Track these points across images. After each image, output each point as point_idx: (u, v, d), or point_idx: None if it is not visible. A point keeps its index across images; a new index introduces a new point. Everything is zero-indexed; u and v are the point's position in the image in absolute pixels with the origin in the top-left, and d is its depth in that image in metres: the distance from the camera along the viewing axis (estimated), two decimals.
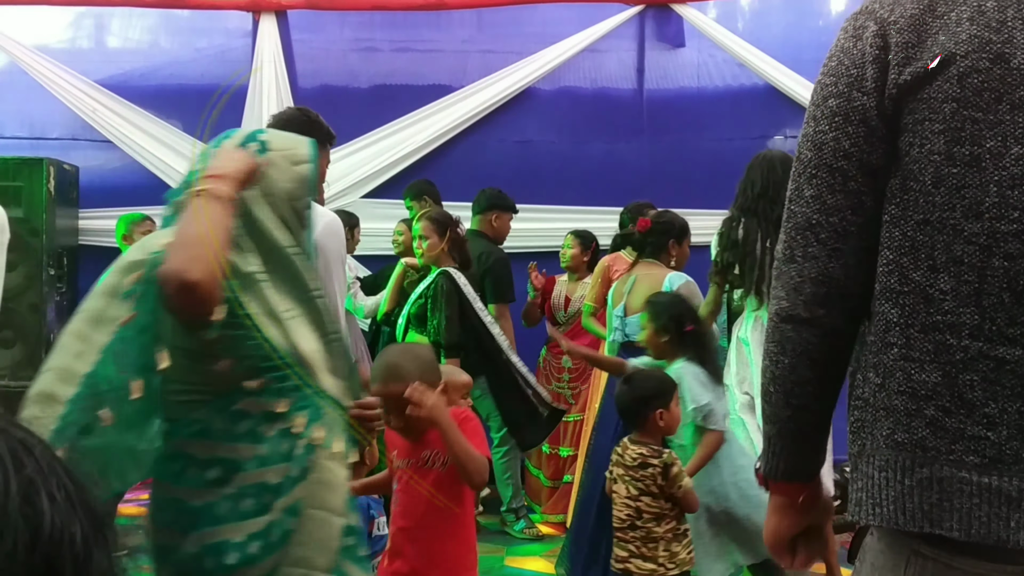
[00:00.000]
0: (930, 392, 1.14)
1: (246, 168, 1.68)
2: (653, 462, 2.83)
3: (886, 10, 1.20)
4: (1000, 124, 1.10)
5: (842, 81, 1.22)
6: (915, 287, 1.16)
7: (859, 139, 1.20)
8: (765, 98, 6.07)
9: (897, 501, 1.15)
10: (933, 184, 1.14)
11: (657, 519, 2.83)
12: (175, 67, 6.15)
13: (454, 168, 5.84)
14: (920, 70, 1.14)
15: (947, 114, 1.12)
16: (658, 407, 2.92)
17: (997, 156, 1.10)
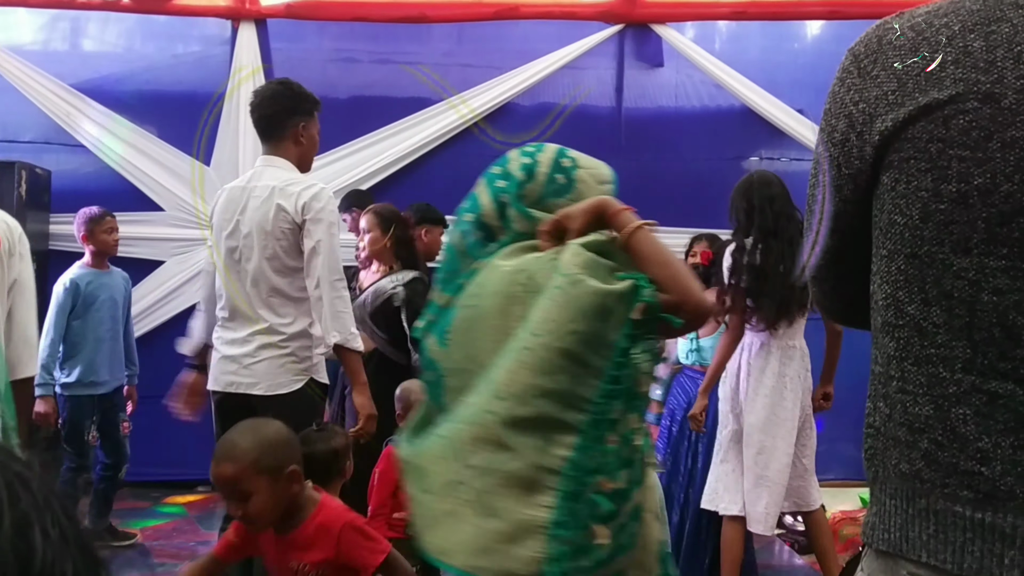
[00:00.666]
0: (923, 425, 1.15)
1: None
2: None
3: (869, 59, 1.21)
4: (990, 161, 1.10)
5: (825, 131, 1.25)
6: (909, 320, 1.16)
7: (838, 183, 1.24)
8: (741, 119, 6.13)
9: (902, 529, 1.16)
10: (921, 219, 1.14)
11: None
12: (151, 73, 6.09)
13: (433, 182, 5.84)
14: (902, 116, 1.15)
15: (933, 153, 1.13)
16: None
17: (986, 193, 1.10)
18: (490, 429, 1.48)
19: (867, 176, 1.22)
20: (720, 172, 6.11)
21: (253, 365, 3.13)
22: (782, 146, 6.20)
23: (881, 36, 1.21)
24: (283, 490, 2.12)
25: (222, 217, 3.24)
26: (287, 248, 3.13)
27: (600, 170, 1.79)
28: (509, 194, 1.70)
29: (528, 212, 1.67)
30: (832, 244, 1.31)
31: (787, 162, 6.26)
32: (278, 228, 3.12)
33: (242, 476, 2.08)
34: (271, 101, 3.27)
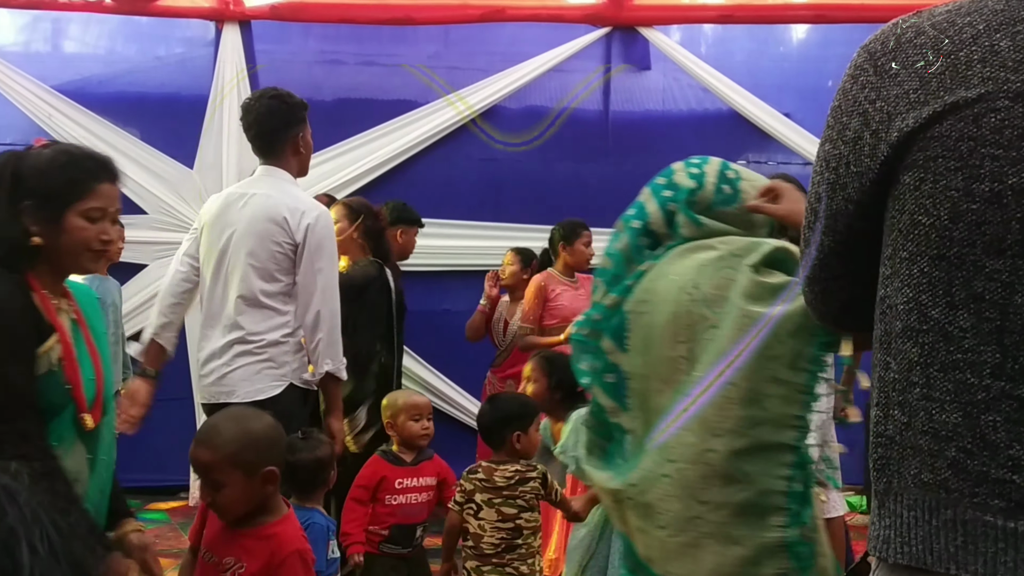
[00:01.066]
0: (951, 433, 1.11)
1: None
2: (531, 475, 2.95)
3: (887, 58, 1.18)
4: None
5: (835, 128, 1.24)
6: (934, 325, 1.13)
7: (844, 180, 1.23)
8: (728, 123, 6.12)
9: (925, 541, 1.12)
10: (950, 220, 1.11)
11: (534, 532, 2.94)
12: (135, 75, 6.04)
13: (418, 184, 5.81)
14: (925, 115, 1.12)
15: (964, 152, 1.10)
16: (516, 429, 2.99)
17: (1020, 193, 1.07)
18: (715, 466, 1.58)
19: (875, 175, 1.19)
20: None
21: (230, 374, 3.10)
22: (769, 150, 6.20)
23: (899, 35, 1.19)
24: (255, 488, 2.08)
25: (216, 221, 3.20)
26: (279, 260, 3.11)
27: (761, 181, 1.87)
28: (678, 202, 1.82)
29: (697, 218, 1.79)
30: (828, 243, 1.29)
31: (774, 166, 6.25)
32: (273, 240, 3.10)
33: (216, 466, 2.06)
34: (268, 117, 3.24)
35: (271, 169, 3.23)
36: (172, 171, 5.75)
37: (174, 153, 5.77)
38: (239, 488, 2.06)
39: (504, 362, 5.00)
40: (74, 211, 1.95)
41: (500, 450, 3.03)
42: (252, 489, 2.08)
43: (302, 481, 2.75)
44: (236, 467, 2.05)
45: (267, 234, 3.09)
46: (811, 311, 1.42)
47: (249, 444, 2.08)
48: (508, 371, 4.94)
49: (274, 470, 2.11)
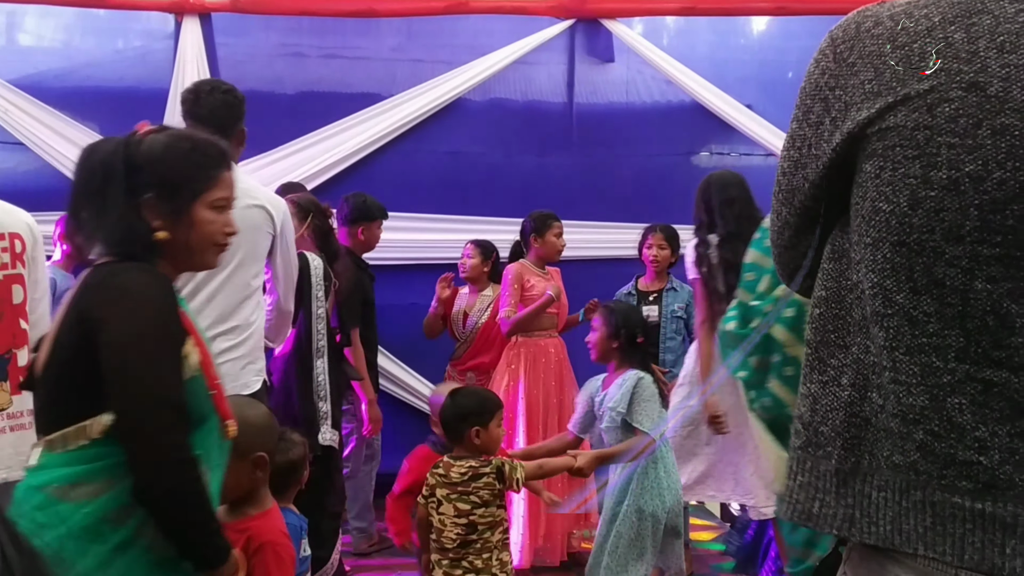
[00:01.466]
0: (918, 416, 1.13)
1: None
2: (484, 471, 2.95)
3: (846, 46, 1.21)
4: (980, 148, 1.08)
5: (801, 109, 1.26)
6: (899, 309, 1.14)
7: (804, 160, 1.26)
8: (692, 115, 6.15)
9: (894, 522, 1.14)
10: (910, 207, 1.13)
11: (491, 527, 2.93)
12: (92, 68, 5.93)
13: (382, 178, 5.77)
14: (878, 106, 1.14)
15: (920, 141, 1.12)
16: (474, 424, 2.99)
17: (978, 180, 1.08)
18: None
19: (828, 160, 1.22)
20: (671, 167, 6.14)
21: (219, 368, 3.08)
22: (731, 141, 6.24)
23: (860, 23, 1.21)
24: (245, 473, 2.10)
25: None
26: (260, 251, 3.15)
27: None
28: None
29: None
30: (785, 214, 1.33)
31: (737, 157, 6.29)
32: (260, 229, 3.13)
33: None
34: (225, 110, 3.22)
35: None
36: None
37: None
38: (230, 470, 1.97)
39: (464, 354, 5.02)
40: (202, 202, 1.84)
41: (459, 445, 3.04)
42: (241, 473, 2.08)
43: (276, 483, 2.73)
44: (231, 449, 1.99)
45: (254, 224, 3.09)
46: (780, 276, 1.45)
47: (242, 428, 2.00)
48: (468, 363, 4.96)
49: (264, 456, 2.11)
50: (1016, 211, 1.07)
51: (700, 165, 6.34)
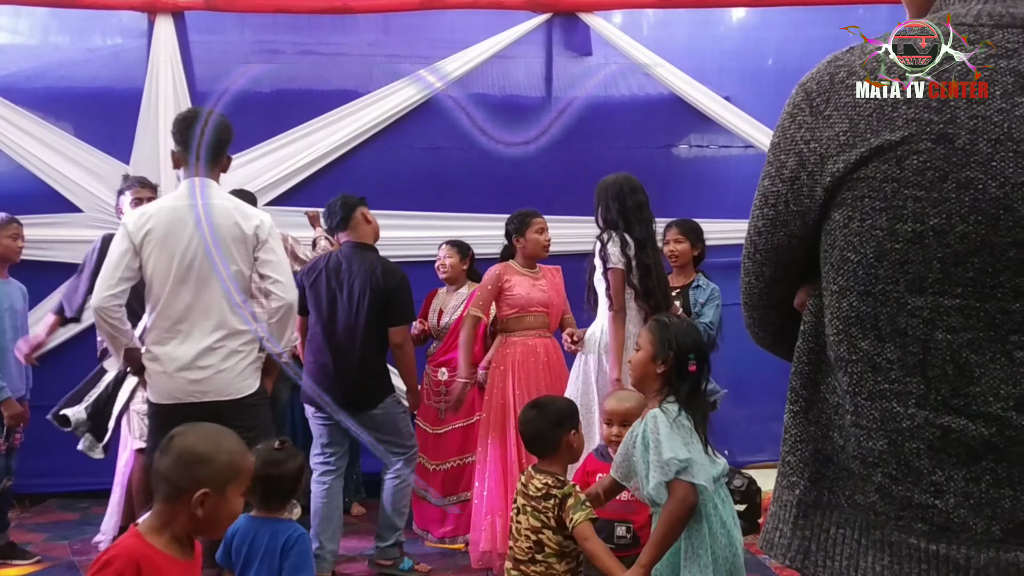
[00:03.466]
0: (877, 459, 1.15)
1: None
2: (555, 492, 2.77)
3: (822, 98, 1.21)
4: (945, 202, 1.10)
5: (774, 165, 1.26)
6: (863, 355, 1.17)
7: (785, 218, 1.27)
8: (670, 107, 6.15)
9: (851, 559, 1.17)
10: (876, 258, 1.15)
11: (559, 556, 2.75)
12: (65, 68, 5.87)
13: (360, 175, 5.74)
14: (854, 158, 1.15)
15: (888, 193, 1.13)
16: (570, 428, 2.90)
17: (941, 233, 1.10)
18: None
19: (815, 214, 1.22)
20: (650, 160, 6.13)
21: (219, 374, 3.36)
22: (710, 133, 6.24)
23: (833, 74, 1.21)
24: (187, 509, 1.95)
25: (170, 231, 3.37)
26: (248, 262, 3.43)
27: None
28: None
29: None
30: (768, 274, 1.32)
31: (716, 149, 6.30)
32: (244, 243, 3.40)
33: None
34: (223, 132, 3.53)
35: (208, 181, 3.47)
36: (107, 167, 5.59)
37: (109, 148, 5.62)
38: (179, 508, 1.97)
39: (438, 351, 5.04)
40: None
41: (556, 452, 2.88)
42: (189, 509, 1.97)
43: (285, 491, 2.74)
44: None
45: (240, 239, 3.38)
46: (750, 334, 1.45)
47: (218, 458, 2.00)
48: (440, 359, 4.96)
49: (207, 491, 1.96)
50: (977, 264, 1.09)
51: (680, 157, 6.35)
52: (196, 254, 3.35)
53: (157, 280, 3.37)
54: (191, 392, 3.34)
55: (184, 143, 3.46)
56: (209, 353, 3.35)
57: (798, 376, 1.27)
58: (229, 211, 3.41)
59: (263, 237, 3.42)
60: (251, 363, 3.45)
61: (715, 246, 5.04)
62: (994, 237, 1.09)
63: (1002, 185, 1.08)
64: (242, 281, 3.43)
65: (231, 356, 3.38)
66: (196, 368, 3.34)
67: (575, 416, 2.96)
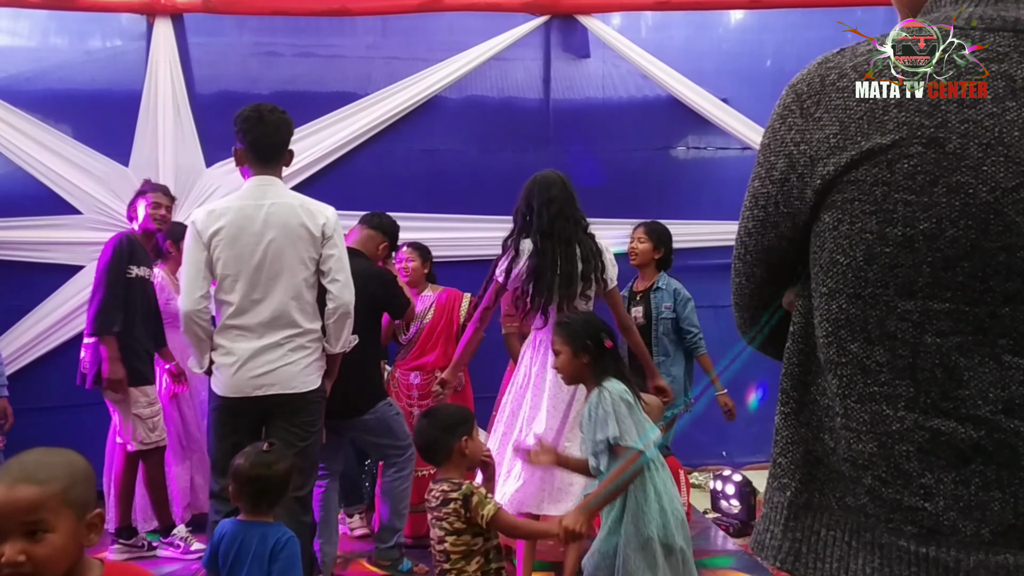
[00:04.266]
0: (867, 462, 1.16)
1: None
2: (452, 496, 2.74)
3: (812, 100, 1.20)
4: (935, 206, 1.10)
5: (763, 167, 1.26)
6: (852, 358, 1.17)
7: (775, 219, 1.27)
8: (668, 109, 6.16)
9: (842, 560, 1.17)
10: (865, 261, 1.15)
11: (466, 557, 2.74)
12: (64, 70, 5.87)
13: (359, 177, 5.75)
14: (844, 161, 1.15)
15: (878, 197, 1.13)
16: (463, 434, 2.86)
17: (931, 238, 1.11)
18: None
19: (806, 216, 1.22)
20: (648, 162, 6.15)
21: (285, 367, 3.40)
22: (708, 135, 6.26)
23: (824, 76, 1.21)
24: (81, 538, 1.62)
25: (240, 230, 3.39)
26: (314, 259, 3.46)
27: None
28: None
29: None
30: (759, 275, 1.33)
31: (713, 151, 6.31)
32: (310, 243, 3.43)
33: (45, 504, 1.55)
34: (286, 128, 3.56)
35: (272, 179, 3.49)
36: (106, 169, 5.60)
37: (108, 151, 5.63)
38: (69, 535, 1.58)
39: (409, 355, 5.00)
40: None
41: (449, 461, 2.87)
42: (79, 537, 1.62)
43: (275, 494, 2.71)
44: (69, 506, 1.59)
45: (307, 238, 3.42)
46: (740, 334, 1.45)
47: (81, 478, 1.64)
48: (412, 363, 4.95)
49: (101, 514, 1.68)
50: (966, 268, 1.10)
51: (677, 159, 6.36)
52: (266, 253, 3.38)
53: (227, 279, 3.40)
54: (258, 385, 3.38)
55: (250, 142, 3.46)
56: (276, 348, 3.40)
57: (788, 378, 1.27)
58: (295, 209, 3.43)
59: (328, 233, 3.44)
60: (316, 360, 3.49)
61: (712, 247, 5.07)
62: (984, 242, 1.09)
63: (992, 190, 1.08)
64: (309, 278, 3.46)
65: (297, 351, 3.42)
66: (263, 362, 3.38)
67: (467, 423, 2.92)
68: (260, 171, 3.47)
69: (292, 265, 3.41)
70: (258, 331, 3.41)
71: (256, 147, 3.46)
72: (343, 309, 3.46)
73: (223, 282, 3.42)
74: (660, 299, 4.54)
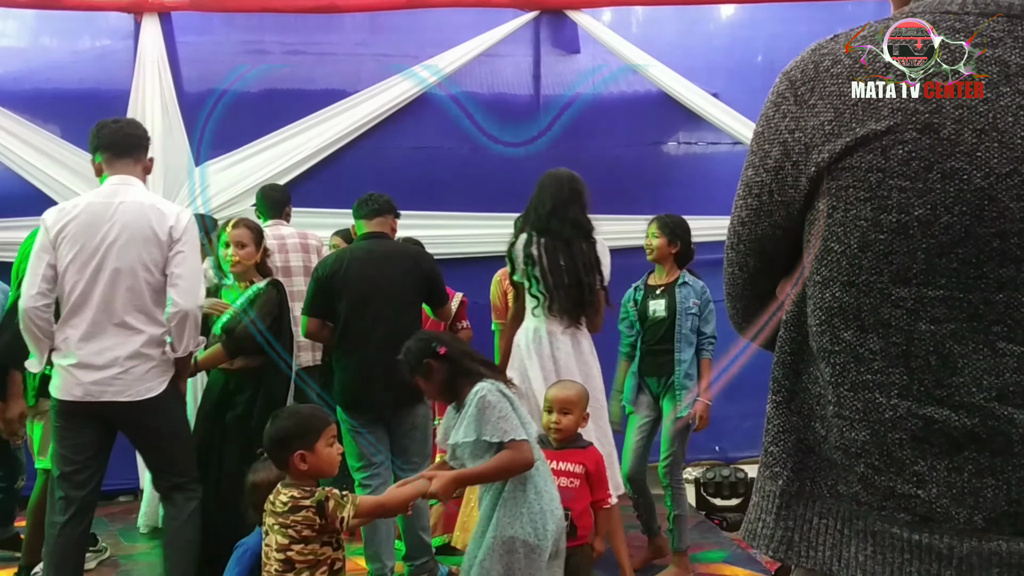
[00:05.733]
0: (859, 450, 1.15)
1: None
2: (305, 503, 2.57)
3: (807, 87, 1.19)
4: (930, 192, 1.10)
5: (757, 155, 1.26)
6: (846, 346, 1.16)
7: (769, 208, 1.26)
8: (658, 105, 6.15)
9: (834, 548, 1.17)
10: (859, 248, 1.14)
11: (311, 567, 2.58)
12: (52, 71, 5.84)
13: (349, 175, 5.73)
14: (839, 147, 1.14)
15: (872, 183, 1.12)
16: (298, 448, 2.63)
17: (926, 224, 1.10)
18: None
19: (800, 204, 1.21)
20: (640, 158, 6.14)
21: (124, 374, 3.33)
22: (699, 130, 6.25)
23: (818, 62, 1.20)
24: None
25: (84, 228, 3.33)
26: (158, 263, 3.38)
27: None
28: None
29: None
30: (753, 264, 1.32)
31: (704, 146, 6.31)
32: (152, 244, 3.35)
33: None
34: (137, 126, 3.62)
35: (133, 180, 3.48)
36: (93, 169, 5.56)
37: None
38: None
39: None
40: None
41: (287, 471, 2.67)
42: None
43: (261, 500, 2.71)
44: None
45: (152, 239, 3.35)
46: (734, 326, 1.44)
47: None
48: None
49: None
50: (961, 255, 1.09)
51: (668, 154, 6.35)
52: (107, 253, 3.31)
53: (68, 277, 3.34)
54: (90, 392, 3.31)
55: (102, 139, 3.49)
56: (109, 351, 3.32)
57: (780, 366, 1.26)
58: (145, 210, 3.37)
59: (176, 236, 3.37)
60: (156, 366, 3.39)
61: (704, 242, 5.04)
62: (978, 228, 1.08)
63: (987, 176, 1.08)
64: (152, 281, 3.37)
65: (134, 358, 3.34)
66: (97, 367, 3.31)
67: (312, 433, 2.67)
68: (117, 170, 3.45)
69: (133, 266, 3.33)
70: (93, 333, 3.34)
71: (109, 143, 3.47)
72: (182, 315, 3.34)
73: (63, 280, 3.35)
74: (687, 295, 4.39)
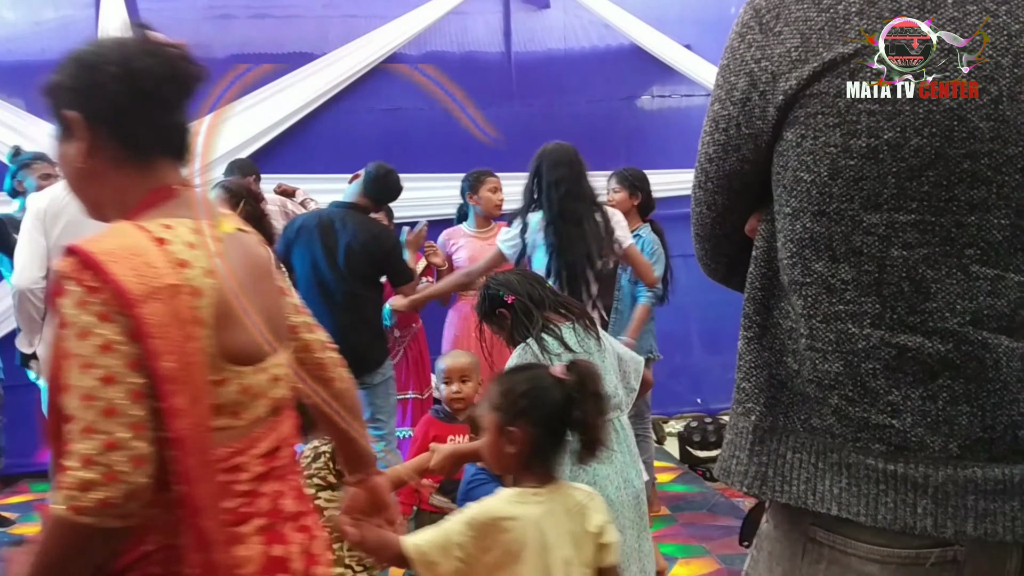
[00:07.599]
0: (832, 382, 1.15)
1: None
2: (324, 449, 2.57)
3: (772, 15, 1.17)
4: (899, 115, 1.08)
5: (723, 88, 1.22)
6: (817, 278, 1.15)
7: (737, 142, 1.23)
8: (631, 58, 6.12)
9: (808, 482, 1.16)
10: (830, 176, 1.12)
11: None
12: (14, 42, 5.72)
13: (320, 139, 5.67)
14: (807, 73, 1.12)
15: (841, 108, 1.11)
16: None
17: (896, 147, 1.09)
18: None
19: (768, 136, 1.19)
20: (614, 112, 6.11)
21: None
22: (672, 82, 6.22)
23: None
24: None
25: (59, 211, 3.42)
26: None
27: None
28: None
29: None
30: (721, 202, 1.29)
31: (678, 99, 6.28)
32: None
33: None
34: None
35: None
36: None
37: None
38: None
39: None
40: None
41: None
42: None
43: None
44: None
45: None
46: (702, 267, 1.42)
47: None
48: None
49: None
50: (931, 177, 1.08)
51: (643, 108, 6.32)
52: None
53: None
54: None
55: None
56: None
57: (751, 302, 1.25)
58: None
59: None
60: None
61: (681, 196, 5.02)
62: (948, 149, 1.07)
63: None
64: None
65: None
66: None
67: None
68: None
69: None
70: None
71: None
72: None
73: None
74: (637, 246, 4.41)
